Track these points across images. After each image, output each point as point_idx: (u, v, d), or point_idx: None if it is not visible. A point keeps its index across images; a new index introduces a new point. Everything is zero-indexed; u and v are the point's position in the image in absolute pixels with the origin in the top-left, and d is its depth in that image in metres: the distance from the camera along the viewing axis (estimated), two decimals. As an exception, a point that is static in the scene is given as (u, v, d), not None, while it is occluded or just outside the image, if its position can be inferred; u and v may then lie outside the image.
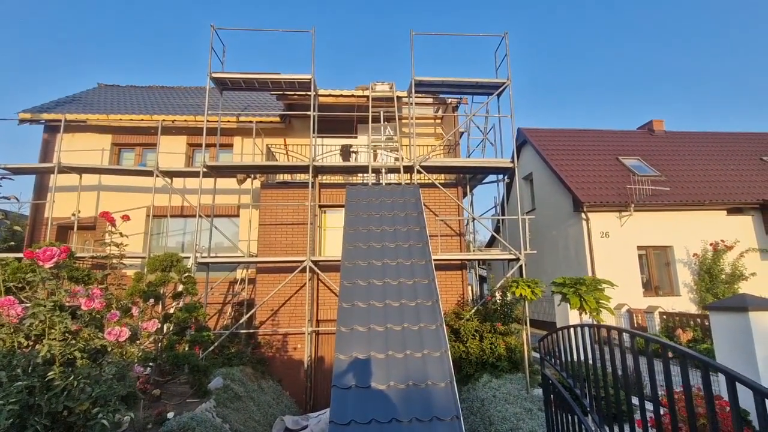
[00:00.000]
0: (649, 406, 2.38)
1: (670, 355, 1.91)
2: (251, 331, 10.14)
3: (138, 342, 3.55)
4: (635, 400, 5.01)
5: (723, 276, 12.21)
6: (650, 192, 12.94)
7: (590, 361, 2.67)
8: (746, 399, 1.72)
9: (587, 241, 12.50)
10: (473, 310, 9.24)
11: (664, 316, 10.26)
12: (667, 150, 16.25)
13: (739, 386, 1.54)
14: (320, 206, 11.29)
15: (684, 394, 1.80)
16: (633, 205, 12.53)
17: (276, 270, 10.43)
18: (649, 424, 2.22)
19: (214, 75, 10.36)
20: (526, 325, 7.65)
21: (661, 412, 2.32)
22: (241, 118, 12.47)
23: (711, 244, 12.62)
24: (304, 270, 9.78)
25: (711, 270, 12.23)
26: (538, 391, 6.70)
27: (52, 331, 2.68)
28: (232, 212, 12.36)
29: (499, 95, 11.06)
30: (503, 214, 11.70)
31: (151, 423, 5.21)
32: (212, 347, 8.56)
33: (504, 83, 10.70)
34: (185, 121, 12.31)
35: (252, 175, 11.98)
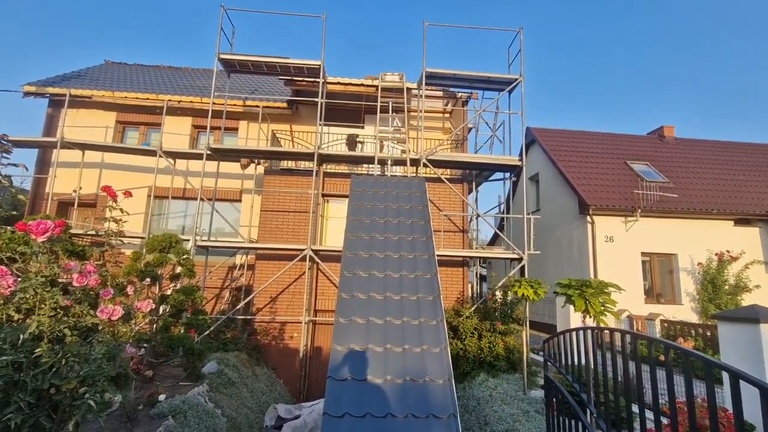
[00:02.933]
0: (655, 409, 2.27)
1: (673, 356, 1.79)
2: (248, 317, 10.08)
3: (132, 322, 3.46)
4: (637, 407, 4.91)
5: (727, 287, 12.08)
6: (658, 198, 12.77)
7: (599, 366, 2.56)
8: (750, 409, 1.62)
9: (591, 245, 12.37)
10: (473, 308, 9.15)
11: (665, 324, 10.14)
12: (677, 157, 16.03)
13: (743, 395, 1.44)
14: (323, 195, 11.17)
15: (686, 395, 1.70)
16: (639, 211, 12.37)
17: (276, 257, 10.35)
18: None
19: (222, 56, 10.20)
20: (526, 325, 7.55)
21: (665, 421, 2.23)
22: (248, 102, 12.32)
23: (716, 254, 12.47)
24: (304, 259, 9.69)
25: (715, 280, 12.10)
26: (536, 393, 6.62)
27: (43, 306, 2.58)
28: (235, 197, 12.26)
29: (510, 92, 10.87)
30: (508, 213, 11.56)
31: (142, 404, 5.14)
32: (208, 331, 8.49)
33: (516, 79, 10.50)
34: (191, 102, 12.16)
35: (256, 161, 11.85)
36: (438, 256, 5.85)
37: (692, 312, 12.22)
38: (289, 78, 11.44)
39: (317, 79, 10.68)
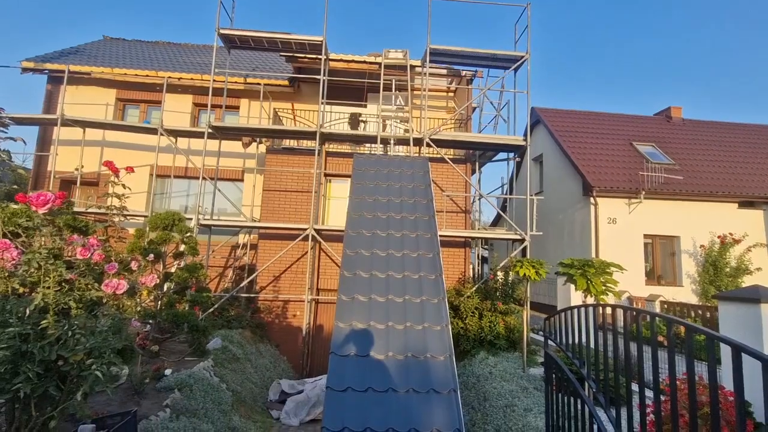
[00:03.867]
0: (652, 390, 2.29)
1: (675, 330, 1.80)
2: (251, 295, 10.20)
3: (137, 296, 3.49)
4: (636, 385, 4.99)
5: (728, 269, 12.10)
6: (662, 180, 12.65)
7: (600, 343, 2.57)
8: (748, 386, 1.63)
9: (594, 226, 12.34)
10: (474, 288, 9.21)
11: (665, 306, 10.21)
12: (683, 138, 15.81)
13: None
14: (326, 175, 11.12)
15: (687, 369, 1.71)
16: (644, 192, 12.28)
17: (278, 236, 10.38)
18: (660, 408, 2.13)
19: (222, 31, 9.98)
20: (526, 305, 7.61)
21: (662, 398, 2.26)
22: (249, 80, 12.13)
23: (719, 237, 12.44)
24: (306, 238, 9.72)
25: (716, 262, 12.11)
26: (535, 371, 6.72)
27: (47, 279, 2.60)
28: (237, 176, 12.22)
29: (516, 70, 10.66)
30: (511, 194, 11.51)
31: (148, 378, 5.26)
32: (212, 309, 8.61)
33: (522, 57, 10.28)
34: (191, 79, 11.98)
35: (257, 140, 11.75)
36: (440, 236, 5.85)
37: (692, 294, 12.28)
38: (291, 54, 11.21)
39: (319, 56, 10.48)
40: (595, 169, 13.12)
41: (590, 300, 5.34)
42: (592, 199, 12.43)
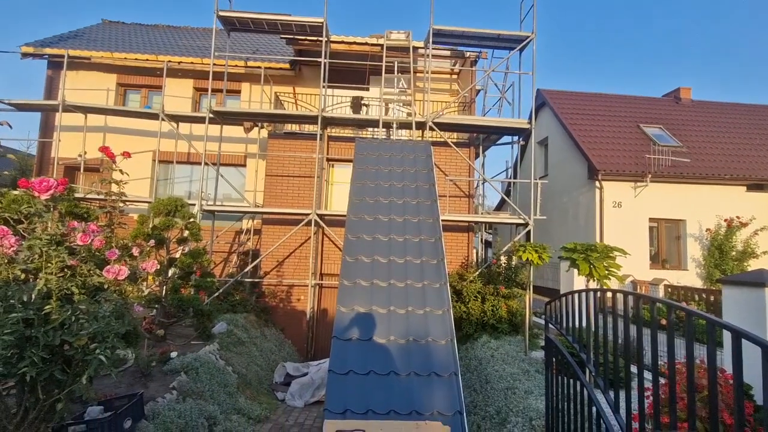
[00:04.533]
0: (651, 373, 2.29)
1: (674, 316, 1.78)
2: (256, 280, 10.28)
3: (139, 282, 3.52)
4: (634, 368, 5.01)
5: (734, 253, 12.01)
6: (669, 163, 12.47)
7: (600, 327, 2.57)
8: (748, 370, 1.62)
9: (598, 210, 12.25)
10: (477, 273, 9.22)
11: (669, 289, 10.19)
12: (692, 120, 15.51)
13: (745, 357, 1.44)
14: (328, 160, 11.06)
15: (686, 352, 1.70)
16: (650, 176, 12.13)
17: (281, 222, 10.40)
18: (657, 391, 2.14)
19: (221, 13, 9.82)
20: (529, 289, 7.61)
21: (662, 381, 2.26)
22: (250, 63, 11.97)
23: (725, 220, 12.31)
24: (309, 223, 9.74)
25: (722, 246, 12.02)
26: (537, 354, 6.77)
27: (49, 265, 2.62)
28: (239, 162, 12.18)
29: (521, 50, 10.43)
30: (515, 178, 11.41)
31: (155, 361, 5.35)
32: (217, 294, 8.71)
33: (528, 37, 10.04)
34: (191, 63, 11.85)
35: (259, 124, 11.67)
36: (443, 220, 5.83)
37: (697, 278, 12.23)
38: (291, 37, 11.03)
39: (320, 38, 10.30)
40: (600, 152, 12.95)
41: (593, 284, 5.33)
42: (597, 183, 12.30)
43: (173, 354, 5.75)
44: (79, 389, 2.72)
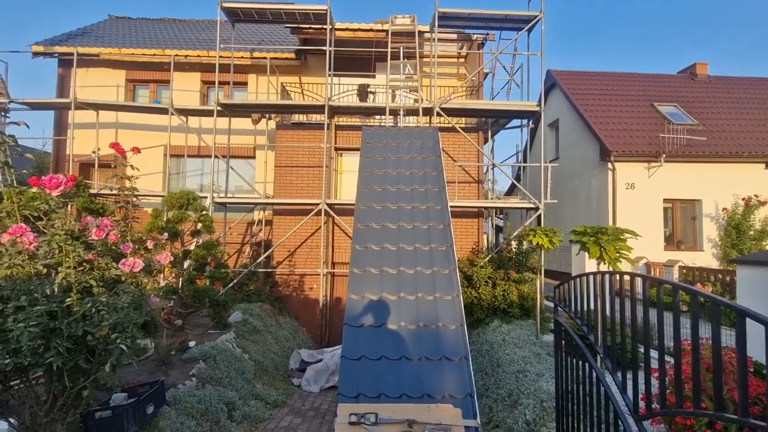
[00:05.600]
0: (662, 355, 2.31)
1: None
2: (269, 270, 10.45)
3: (155, 274, 3.63)
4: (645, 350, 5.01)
5: (752, 232, 11.76)
6: (685, 142, 12.16)
7: (607, 309, 2.58)
8: (759, 349, 1.61)
9: (611, 193, 12.06)
10: (487, 258, 9.23)
11: (684, 271, 10.07)
12: (709, 96, 15.05)
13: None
14: (336, 149, 11.08)
15: (691, 332, 1.72)
16: (664, 156, 11.87)
17: (292, 212, 10.51)
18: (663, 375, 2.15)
19: (224, 4, 9.80)
20: (540, 274, 7.61)
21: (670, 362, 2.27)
22: (255, 54, 11.96)
23: (743, 199, 12.03)
24: (319, 213, 9.82)
25: (740, 225, 11.76)
26: (548, 338, 6.80)
27: (67, 259, 2.72)
28: (248, 154, 12.28)
29: (529, 31, 10.20)
30: (525, 162, 11.28)
31: (174, 350, 5.53)
32: (231, 284, 8.89)
33: (536, 17, 9.81)
34: (198, 56, 11.89)
35: (267, 116, 11.71)
36: (452, 207, 5.83)
37: (713, 258, 12.03)
38: (296, 26, 10.97)
39: (324, 26, 10.22)
40: (613, 133, 12.69)
41: (603, 267, 5.30)
42: (609, 164, 12.09)
43: (191, 343, 5.93)
44: (104, 377, 2.85)
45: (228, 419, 4.98)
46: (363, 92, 11.21)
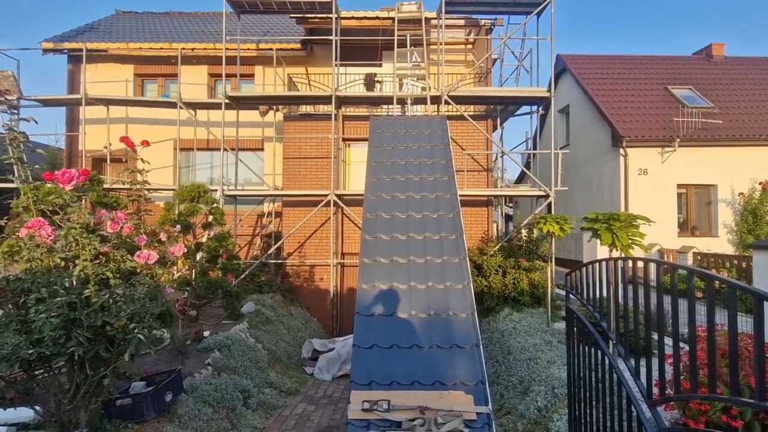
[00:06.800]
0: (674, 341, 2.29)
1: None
2: (280, 261, 10.56)
3: (168, 266, 3.70)
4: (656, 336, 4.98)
5: (769, 217, 11.52)
6: (699, 125, 11.88)
7: (620, 296, 2.56)
8: None
9: (623, 179, 11.88)
10: (497, 247, 9.19)
11: (698, 257, 9.92)
12: (725, 78, 14.63)
13: None
14: (344, 140, 11.06)
15: (707, 316, 1.70)
16: (678, 140, 11.62)
17: (301, 203, 10.56)
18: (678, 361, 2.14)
19: (229, -4, 9.75)
20: (551, 261, 7.56)
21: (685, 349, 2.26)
22: (261, 45, 11.93)
23: (760, 183, 11.76)
24: (328, 204, 9.85)
25: (756, 210, 11.52)
26: (559, 325, 6.78)
27: (84, 252, 2.78)
28: (257, 146, 12.32)
29: (539, 14, 9.99)
30: (535, 149, 11.15)
31: (189, 340, 5.65)
32: (243, 275, 9.01)
33: None
34: (204, 49, 11.90)
35: (274, 107, 11.71)
36: (461, 195, 5.80)
37: (728, 244, 11.83)
38: (301, 15, 10.88)
39: (330, 15, 10.12)
40: (625, 118, 12.44)
41: (616, 254, 5.25)
42: (621, 150, 11.89)
43: (206, 333, 6.04)
44: (123, 366, 2.93)
45: (243, 406, 5.09)
46: (370, 81, 11.13)
